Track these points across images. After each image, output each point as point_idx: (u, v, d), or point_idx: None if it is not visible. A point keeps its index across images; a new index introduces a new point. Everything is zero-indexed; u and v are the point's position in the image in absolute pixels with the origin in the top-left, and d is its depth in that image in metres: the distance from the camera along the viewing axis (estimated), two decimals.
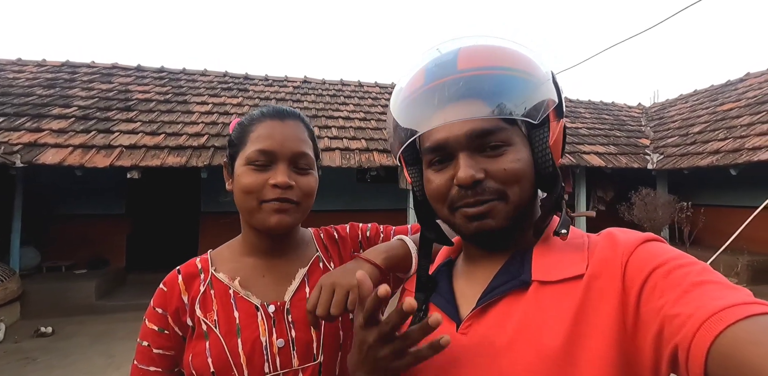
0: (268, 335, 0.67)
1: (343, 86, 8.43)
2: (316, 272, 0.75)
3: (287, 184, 0.66)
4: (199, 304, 0.69)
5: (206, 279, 0.71)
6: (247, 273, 0.72)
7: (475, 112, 0.48)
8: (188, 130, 5.39)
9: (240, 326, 0.67)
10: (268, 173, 0.67)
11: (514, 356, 0.46)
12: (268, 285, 0.72)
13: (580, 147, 6.77)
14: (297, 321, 0.69)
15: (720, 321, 0.35)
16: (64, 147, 4.61)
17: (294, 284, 0.72)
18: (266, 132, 0.69)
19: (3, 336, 3.88)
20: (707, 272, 0.41)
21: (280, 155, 0.68)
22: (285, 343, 0.67)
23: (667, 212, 5.97)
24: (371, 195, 6.73)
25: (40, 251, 5.36)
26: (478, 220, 0.50)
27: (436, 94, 0.50)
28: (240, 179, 0.68)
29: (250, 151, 0.68)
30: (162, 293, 0.70)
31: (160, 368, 0.68)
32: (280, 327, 0.68)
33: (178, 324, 0.68)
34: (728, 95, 7.81)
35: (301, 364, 0.67)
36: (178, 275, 0.72)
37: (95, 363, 3.38)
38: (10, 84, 5.96)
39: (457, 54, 0.53)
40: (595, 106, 9.38)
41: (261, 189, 0.67)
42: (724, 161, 5.45)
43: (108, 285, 5.33)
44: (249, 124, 0.71)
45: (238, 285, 0.70)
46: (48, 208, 5.63)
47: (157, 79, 7.20)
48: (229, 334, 0.66)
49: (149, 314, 0.70)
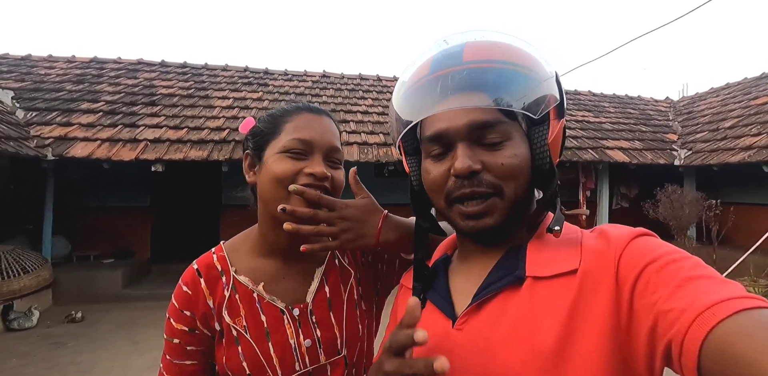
0: (296, 336, 0.70)
1: (362, 80, 8.42)
2: (333, 270, 0.77)
3: (324, 174, 0.67)
4: (226, 310, 0.70)
5: (228, 283, 0.71)
6: (269, 276, 0.73)
7: (475, 103, 0.49)
8: (210, 125, 5.49)
9: (269, 329, 0.69)
10: (304, 162, 0.67)
11: (509, 352, 0.46)
12: (289, 287, 0.73)
13: (604, 142, 6.60)
14: (320, 321, 0.72)
15: (713, 316, 0.35)
16: (92, 141, 4.76)
17: (314, 285, 0.74)
18: (305, 123, 0.70)
19: (36, 322, 4.07)
20: (700, 266, 0.42)
21: (317, 146, 0.68)
22: (312, 342, 0.70)
23: (694, 210, 5.77)
24: (389, 190, 6.71)
25: (70, 241, 5.58)
26: (476, 219, 0.51)
27: (439, 82, 0.51)
28: (272, 167, 0.67)
29: (287, 139, 0.68)
30: (186, 295, 0.70)
31: (195, 362, 0.71)
32: (306, 328, 0.71)
33: (207, 327, 0.70)
34: (763, 88, 7.46)
35: (327, 359, 0.71)
36: (200, 278, 0.71)
37: (121, 349, 3.52)
38: (42, 80, 6.17)
39: (463, 47, 0.53)
40: (620, 100, 9.11)
41: (294, 177, 0.66)
42: (757, 158, 5.22)
43: (133, 275, 5.51)
44: (283, 115, 0.72)
45: (262, 290, 0.72)
46: (77, 199, 5.84)
47: (180, 75, 7.34)
48: (260, 338, 0.69)
49: (175, 314, 0.70)
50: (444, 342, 0.52)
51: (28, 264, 4.36)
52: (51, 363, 3.24)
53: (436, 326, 0.54)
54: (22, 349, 3.51)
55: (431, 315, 0.56)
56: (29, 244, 5.07)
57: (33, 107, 5.27)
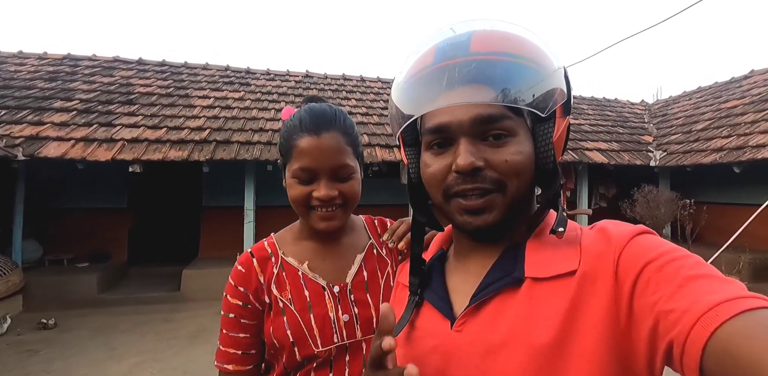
0: (335, 311, 0.77)
1: (345, 81, 8.39)
2: (371, 258, 0.85)
3: (329, 197, 0.75)
4: (275, 284, 0.79)
5: (277, 262, 0.81)
6: (312, 256, 0.83)
7: (482, 98, 0.47)
8: (190, 124, 5.38)
9: (311, 303, 0.78)
10: (312, 186, 0.76)
11: (507, 353, 0.46)
12: (330, 268, 0.82)
13: (583, 143, 6.74)
14: (358, 300, 0.79)
15: (716, 317, 0.34)
16: (65, 140, 4.60)
17: (353, 268, 0.82)
18: (306, 149, 0.74)
19: (6, 329, 3.91)
20: (700, 265, 0.41)
21: (320, 171, 0.75)
22: (350, 318, 0.78)
23: (669, 210, 5.95)
24: (373, 190, 6.73)
25: (42, 245, 5.38)
26: (475, 214, 0.49)
27: (445, 74, 0.48)
28: (289, 190, 0.78)
29: (294, 167, 0.75)
30: (240, 273, 0.80)
31: (248, 334, 0.79)
32: (345, 304, 0.78)
33: (258, 301, 0.79)
34: (732, 92, 7.75)
35: (363, 335, 0.78)
36: (253, 258, 0.81)
37: (96, 356, 3.40)
38: (12, 77, 5.94)
39: (471, 36, 0.51)
40: (598, 103, 9.33)
41: (307, 200, 0.76)
42: (727, 159, 5.42)
43: (110, 279, 5.35)
44: (289, 137, 0.77)
45: (306, 268, 0.81)
46: (50, 201, 5.64)
47: (158, 73, 7.18)
48: (303, 310, 0.77)
49: (231, 290, 0.79)
50: (443, 343, 0.51)
51: None
52: (23, 372, 3.11)
53: (434, 327, 0.53)
54: None
55: (429, 315, 0.55)
56: None
57: (2, 105, 5.06)
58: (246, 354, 0.79)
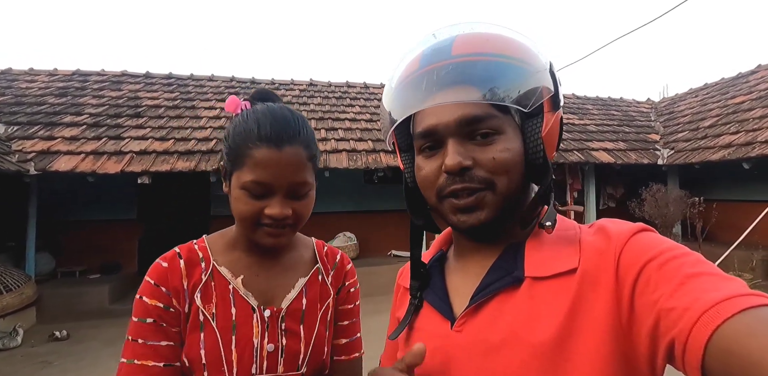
0: (260, 338, 0.69)
1: (349, 88, 8.45)
2: (314, 284, 0.77)
3: (283, 215, 0.66)
4: (200, 293, 0.69)
5: (207, 269, 0.71)
6: (246, 271, 0.73)
7: (464, 97, 0.48)
8: (197, 135, 5.45)
9: (236, 323, 0.68)
10: (264, 201, 0.66)
11: (508, 353, 0.46)
12: (264, 287, 0.73)
13: (589, 144, 6.70)
14: (289, 330, 0.71)
15: (717, 315, 0.34)
16: (76, 154, 4.68)
17: (293, 292, 0.74)
18: (264, 162, 0.64)
19: (21, 341, 3.95)
20: (701, 263, 0.41)
21: (276, 187, 0.66)
22: (275, 348, 0.69)
23: (679, 208, 5.87)
24: (379, 196, 6.73)
25: (54, 257, 5.45)
26: (467, 213, 0.50)
27: (426, 78, 0.50)
28: (235, 203, 0.67)
29: (246, 179, 0.65)
30: (163, 269, 0.69)
31: (171, 342, 0.67)
32: (273, 332, 0.70)
33: (181, 306, 0.68)
34: (739, 88, 7.67)
35: (285, 371, 0.69)
36: (180, 259, 0.71)
37: (109, 366, 3.42)
38: (23, 93, 6.07)
39: (453, 40, 0.52)
40: (603, 103, 9.28)
41: (257, 217, 0.67)
42: (736, 155, 5.35)
43: (121, 289, 5.39)
44: (243, 143, 0.66)
45: (240, 284, 0.71)
46: (62, 214, 5.72)
47: (165, 86, 7.29)
48: (225, 330, 0.67)
49: (149, 290, 0.68)
50: (443, 344, 0.51)
51: (10, 282, 4.24)
52: None
53: (434, 328, 0.53)
54: (6, 370, 3.40)
55: (429, 316, 0.55)
56: (12, 261, 4.94)
57: (14, 122, 5.17)
58: (169, 367, 0.65)
